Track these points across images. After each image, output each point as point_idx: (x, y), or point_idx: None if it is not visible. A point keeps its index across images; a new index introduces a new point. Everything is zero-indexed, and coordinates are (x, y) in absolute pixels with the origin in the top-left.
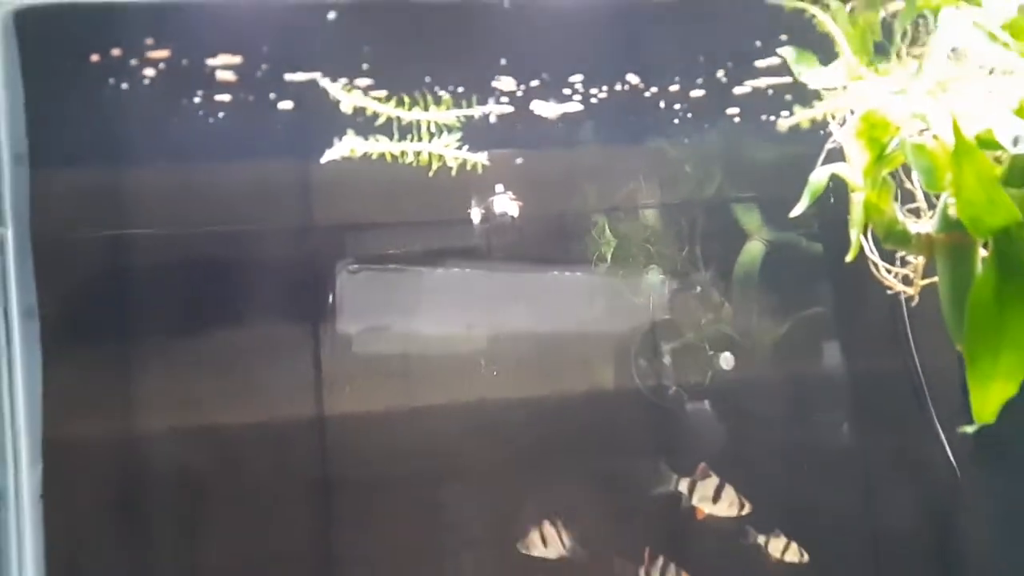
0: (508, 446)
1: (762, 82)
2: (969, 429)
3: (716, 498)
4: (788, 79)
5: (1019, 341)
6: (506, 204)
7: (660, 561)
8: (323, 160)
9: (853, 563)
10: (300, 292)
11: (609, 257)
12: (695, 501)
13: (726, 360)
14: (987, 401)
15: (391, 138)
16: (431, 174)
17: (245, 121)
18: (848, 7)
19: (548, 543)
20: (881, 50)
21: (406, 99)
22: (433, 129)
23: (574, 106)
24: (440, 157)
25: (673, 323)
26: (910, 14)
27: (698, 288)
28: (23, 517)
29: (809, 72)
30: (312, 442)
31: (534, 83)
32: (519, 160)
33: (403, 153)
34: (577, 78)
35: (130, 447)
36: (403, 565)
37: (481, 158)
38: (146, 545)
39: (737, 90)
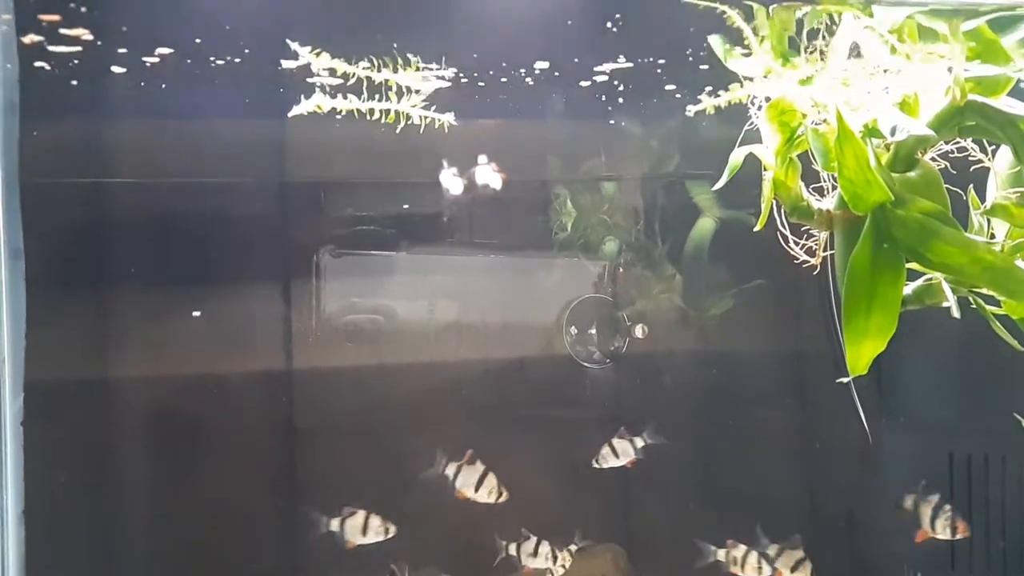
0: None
1: None
2: (844, 380)
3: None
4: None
5: (888, 303)
6: (487, 174)
7: None
8: (290, 115)
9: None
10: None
11: (569, 227)
12: None
13: (640, 330)
14: (860, 356)
15: (360, 98)
16: (398, 130)
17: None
18: (770, 8)
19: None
20: (796, 46)
21: (375, 61)
22: (402, 90)
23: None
24: (407, 116)
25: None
26: (814, 17)
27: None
28: (5, 442)
29: (733, 61)
30: (280, 390)
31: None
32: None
33: (371, 111)
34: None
35: (104, 384)
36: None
37: (448, 118)
38: (117, 475)
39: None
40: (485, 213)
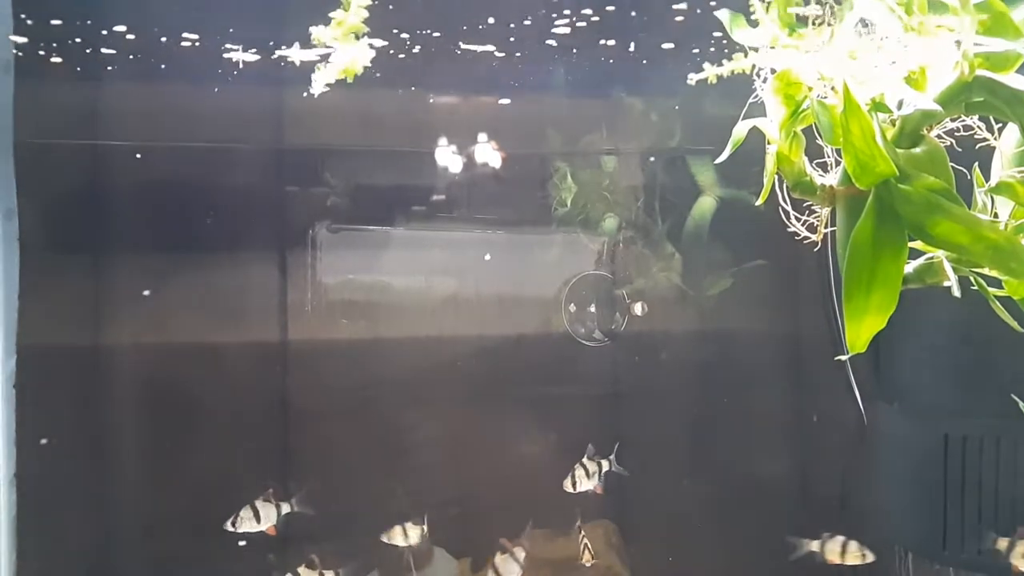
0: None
1: None
2: (843, 358)
3: None
4: None
5: (889, 280)
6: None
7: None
8: (315, 93)
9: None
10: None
11: (569, 203)
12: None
13: (640, 308)
14: (860, 333)
15: None
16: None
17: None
18: None
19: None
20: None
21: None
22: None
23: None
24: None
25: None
26: None
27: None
28: None
29: (739, 32)
30: (275, 359)
31: None
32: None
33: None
34: None
35: (97, 350)
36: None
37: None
38: (109, 441)
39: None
40: (484, 187)
